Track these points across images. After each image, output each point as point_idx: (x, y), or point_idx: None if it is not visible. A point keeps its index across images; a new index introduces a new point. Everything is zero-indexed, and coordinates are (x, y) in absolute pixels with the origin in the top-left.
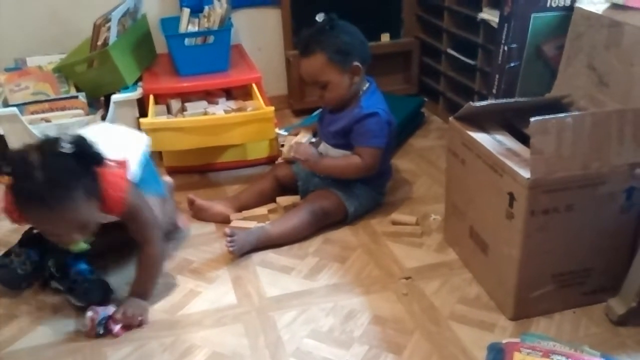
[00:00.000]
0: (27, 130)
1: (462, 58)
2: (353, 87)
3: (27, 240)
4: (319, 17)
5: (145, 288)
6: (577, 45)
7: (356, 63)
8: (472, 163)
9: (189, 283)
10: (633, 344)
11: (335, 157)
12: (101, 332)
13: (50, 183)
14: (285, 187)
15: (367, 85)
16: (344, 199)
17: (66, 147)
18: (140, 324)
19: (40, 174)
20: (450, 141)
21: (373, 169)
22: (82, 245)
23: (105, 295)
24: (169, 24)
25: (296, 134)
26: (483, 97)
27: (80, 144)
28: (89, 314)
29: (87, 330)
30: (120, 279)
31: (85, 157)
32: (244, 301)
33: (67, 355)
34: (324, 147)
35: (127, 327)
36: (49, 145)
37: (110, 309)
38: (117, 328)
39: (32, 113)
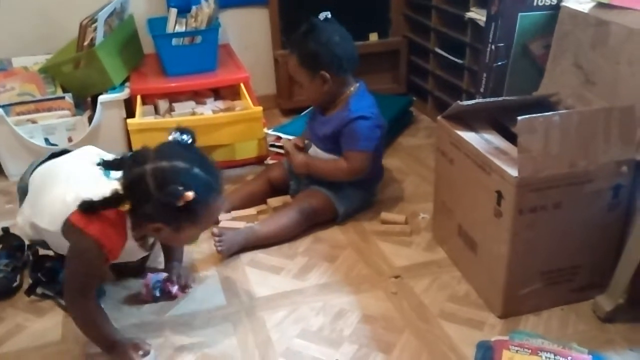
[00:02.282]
0: (13, 131)
1: (450, 57)
2: (327, 92)
3: None
4: (322, 16)
5: (181, 255)
6: (564, 44)
7: (323, 72)
8: (461, 162)
9: None
10: (621, 340)
11: (324, 160)
12: (158, 294)
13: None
14: (278, 189)
15: (355, 86)
16: (333, 199)
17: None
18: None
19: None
20: (439, 140)
21: (360, 172)
22: None
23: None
24: (156, 24)
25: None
26: (471, 96)
27: None
28: (142, 280)
29: (144, 295)
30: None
31: None
32: (233, 301)
33: (54, 358)
34: (314, 151)
35: (182, 288)
36: None
37: (160, 275)
38: (175, 289)
39: (18, 114)
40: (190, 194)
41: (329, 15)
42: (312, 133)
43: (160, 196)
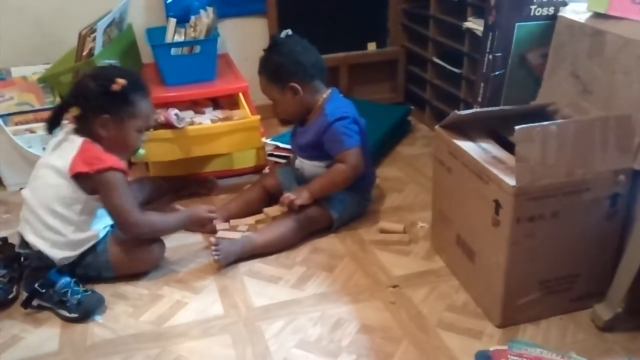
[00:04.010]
0: (12, 141)
1: (448, 66)
2: (300, 102)
3: None
4: (283, 34)
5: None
6: (561, 53)
7: (292, 83)
8: (459, 171)
9: (175, 294)
10: (619, 349)
11: (319, 176)
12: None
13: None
14: (273, 197)
15: (328, 92)
16: (327, 205)
17: None
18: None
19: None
20: (437, 150)
21: (359, 168)
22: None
23: (99, 303)
24: (155, 34)
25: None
26: (469, 105)
27: None
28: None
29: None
30: (100, 290)
31: None
32: (231, 311)
33: None
34: (299, 162)
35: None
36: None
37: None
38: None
39: (17, 124)
40: (122, 80)
41: (290, 32)
42: (294, 145)
43: (98, 85)
